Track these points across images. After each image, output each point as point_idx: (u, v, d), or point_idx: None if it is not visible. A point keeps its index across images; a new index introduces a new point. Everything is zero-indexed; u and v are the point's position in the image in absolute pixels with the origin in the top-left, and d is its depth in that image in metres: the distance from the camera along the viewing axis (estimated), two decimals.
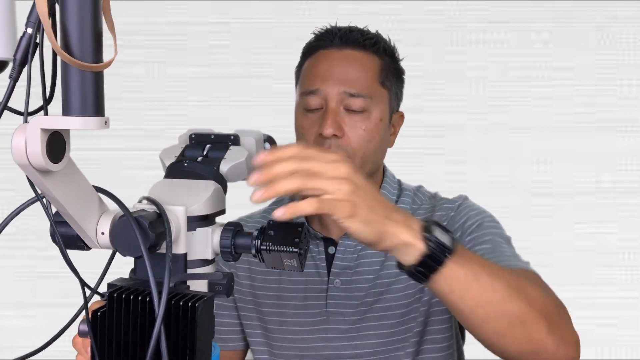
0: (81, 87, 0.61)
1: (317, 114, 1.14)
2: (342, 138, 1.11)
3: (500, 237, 1.12)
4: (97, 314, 0.69)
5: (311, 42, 1.21)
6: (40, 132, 0.59)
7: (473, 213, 1.16)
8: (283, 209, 0.72)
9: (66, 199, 0.65)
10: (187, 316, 0.66)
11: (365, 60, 1.15)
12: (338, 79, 1.12)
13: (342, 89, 1.12)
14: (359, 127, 1.12)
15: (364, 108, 1.12)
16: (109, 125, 0.63)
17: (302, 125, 1.17)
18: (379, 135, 1.14)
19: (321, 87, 1.13)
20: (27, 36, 0.62)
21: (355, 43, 1.16)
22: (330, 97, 1.12)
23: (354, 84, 1.12)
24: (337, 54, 1.15)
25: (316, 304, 1.18)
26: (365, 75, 1.14)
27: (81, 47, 0.60)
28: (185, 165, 0.80)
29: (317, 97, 1.13)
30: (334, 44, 1.16)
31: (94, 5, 0.61)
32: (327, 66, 1.14)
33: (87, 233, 0.69)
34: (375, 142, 1.14)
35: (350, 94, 1.11)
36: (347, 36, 1.16)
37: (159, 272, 0.73)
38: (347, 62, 1.14)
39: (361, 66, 1.14)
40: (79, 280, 0.70)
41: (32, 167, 0.61)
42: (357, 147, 1.12)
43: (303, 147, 0.75)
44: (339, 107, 1.12)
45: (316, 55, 1.18)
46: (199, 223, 0.74)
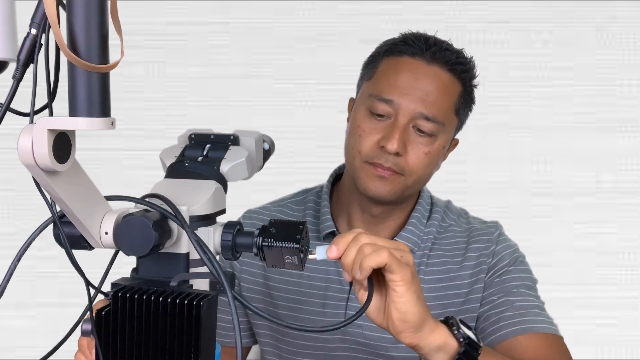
0: (88, 88, 0.61)
1: (383, 122, 1.07)
2: (402, 156, 1.07)
3: (528, 283, 1.15)
4: (101, 313, 0.69)
5: (397, 42, 1.12)
6: (47, 133, 0.60)
7: (507, 252, 1.17)
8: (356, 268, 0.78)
9: (71, 199, 0.66)
10: (192, 315, 0.67)
11: (450, 85, 1.09)
12: (418, 97, 1.06)
13: (419, 110, 1.06)
14: (422, 150, 1.07)
15: (433, 132, 1.07)
16: (115, 125, 0.63)
17: (363, 127, 1.09)
18: (436, 161, 1.12)
19: (397, 99, 1.06)
20: (32, 37, 0.62)
21: (446, 63, 1.08)
22: (404, 113, 1.06)
23: (432, 107, 1.06)
24: (424, 68, 1.07)
25: (335, 312, 1.16)
26: (446, 99, 1.08)
27: (88, 48, 0.60)
28: (187, 165, 0.80)
29: (389, 106, 1.07)
30: (424, 56, 1.08)
31: (101, 7, 0.61)
32: (411, 79, 1.07)
33: (90, 233, 0.69)
34: (431, 168, 1.11)
35: (426, 117, 1.06)
36: (442, 54, 1.08)
37: (162, 270, 0.73)
38: (433, 80, 1.07)
39: (445, 89, 1.08)
40: (85, 281, 0.70)
41: (39, 168, 0.61)
42: (415, 169, 1.08)
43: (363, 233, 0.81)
44: (409, 124, 1.06)
45: (400, 60, 1.09)
46: (200, 222, 0.75)
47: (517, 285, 1.14)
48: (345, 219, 1.19)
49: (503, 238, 1.19)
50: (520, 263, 1.17)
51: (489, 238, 1.17)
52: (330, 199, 1.22)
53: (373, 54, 1.15)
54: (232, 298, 0.67)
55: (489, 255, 1.16)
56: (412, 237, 1.16)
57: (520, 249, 1.20)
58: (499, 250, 1.17)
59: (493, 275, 1.15)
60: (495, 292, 1.14)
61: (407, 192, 1.12)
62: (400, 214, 1.18)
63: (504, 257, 1.16)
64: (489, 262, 1.15)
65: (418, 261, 1.16)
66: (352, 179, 1.13)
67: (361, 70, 1.17)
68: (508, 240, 1.20)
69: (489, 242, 1.17)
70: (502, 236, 1.19)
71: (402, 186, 1.09)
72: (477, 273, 1.15)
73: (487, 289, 1.14)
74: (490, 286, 1.14)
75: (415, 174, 1.09)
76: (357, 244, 0.79)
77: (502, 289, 1.14)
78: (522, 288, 1.14)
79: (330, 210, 1.19)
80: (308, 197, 1.26)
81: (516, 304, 1.11)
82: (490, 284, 1.15)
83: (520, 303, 1.12)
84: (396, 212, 1.17)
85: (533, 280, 1.17)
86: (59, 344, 0.75)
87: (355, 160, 1.10)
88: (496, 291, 1.14)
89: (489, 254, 1.16)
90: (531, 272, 1.18)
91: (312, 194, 1.26)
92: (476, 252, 1.16)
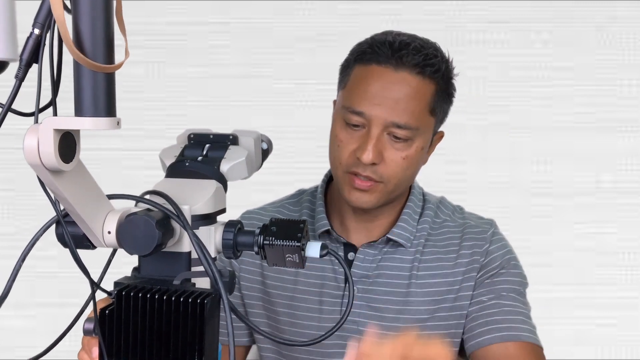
0: (93, 88, 0.62)
1: (358, 132, 1.08)
2: (379, 164, 1.07)
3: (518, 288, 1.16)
4: (105, 312, 0.70)
5: (365, 49, 1.10)
6: (53, 133, 0.60)
7: (500, 253, 1.17)
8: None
9: (75, 199, 0.66)
10: (196, 313, 0.67)
11: (420, 88, 1.07)
12: (388, 106, 1.05)
13: (391, 119, 1.05)
14: (399, 156, 1.07)
15: (409, 137, 1.07)
16: (120, 125, 0.64)
17: (340, 137, 1.10)
18: (417, 162, 1.11)
19: (368, 111, 1.06)
20: (35, 36, 0.63)
21: (414, 66, 1.07)
22: (376, 124, 1.06)
23: (403, 114, 1.05)
24: (392, 76, 1.06)
25: (331, 309, 1.18)
26: (418, 104, 1.07)
27: (94, 48, 0.61)
28: (187, 165, 0.81)
29: (361, 118, 1.07)
30: (391, 63, 1.06)
31: (106, 7, 0.61)
32: (378, 89, 1.06)
33: (93, 232, 0.70)
34: (412, 169, 1.11)
35: (398, 125, 1.05)
36: (408, 59, 1.06)
37: (164, 269, 0.74)
38: (401, 87, 1.06)
39: (415, 93, 1.06)
40: (89, 280, 0.71)
41: (44, 167, 0.61)
42: (394, 174, 1.08)
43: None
44: (383, 133, 1.06)
45: (368, 69, 1.08)
46: (202, 222, 0.75)
47: (507, 289, 1.15)
48: (338, 219, 1.21)
49: (498, 237, 1.20)
50: (513, 266, 1.18)
51: (483, 237, 1.18)
52: (325, 198, 1.23)
53: (347, 59, 1.15)
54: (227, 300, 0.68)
55: (482, 254, 1.17)
56: (404, 233, 1.16)
57: (514, 249, 1.21)
58: (493, 250, 1.17)
59: (484, 276, 1.16)
60: (485, 292, 1.15)
61: (391, 195, 1.13)
62: (392, 211, 1.18)
63: (496, 257, 1.17)
64: (482, 261, 1.16)
65: (411, 257, 1.16)
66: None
67: (339, 75, 1.17)
68: (502, 240, 1.20)
69: (482, 241, 1.18)
70: (496, 235, 1.20)
71: (383, 193, 1.10)
72: (469, 271, 1.16)
73: (477, 288, 1.16)
74: (480, 286, 1.16)
75: (395, 178, 1.09)
76: None
77: (493, 290, 1.15)
78: (512, 293, 1.15)
79: (325, 210, 1.21)
80: (304, 197, 1.27)
81: (505, 309, 1.13)
82: (481, 283, 1.16)
83: (509, 308, 1.14)
84: (387, 210, 1.18)
85: (524, 285, 1.18)
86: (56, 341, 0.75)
87: (338, 170, 1.11)
88: (486, 292, 1.15)
89: (482, 252, 1.17)
90: (523, 275, 1.19)
91: (308, 194, 1.27)
92: (469, 249, 1.17)
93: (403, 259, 1.16)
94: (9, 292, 0.69)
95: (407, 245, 1.16)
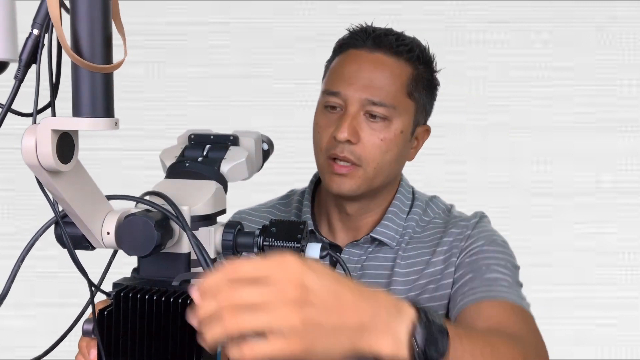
0: (91, 89, 0.62)
1: (336, 115, 1.10)
2: (357, 145, 1.08)
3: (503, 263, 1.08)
4: (103, 313, 0.70)
5: (344, 39, 1.16)
6: (51, 133, 0.60)
7: (483, 235, 1.12)
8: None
9: (74, 199, 0.66)
10: None
11: (395, 68, 1.10)
12: (362, 84, 1.08)
13: (365, 96, 1.08)
14: (377, 136, 1.08)
15: (386, 117, 1.08)
16: (119, 126, 0.64)
17: (320, 123, 1.12)
18: (397, 148, 1.10)
19: (343, 90, 1.09)
20: (34, 37, 0.63)
21: (388, 47, 1.10)
22: (351, 102, 1.08)
23: (378, 92, 1.08)
24: (367, 56, 1.10)
25: None
26: (393, 83, 1.09)
27: (91, 48, 0.61)
28: (187, 166, 0.81)
29: (338, 98, 1.10)
30: (366, 45, 1.11)
31: (104, 8, 0.61)
32: (354, 69, 1.10)
33: (92, 233, 0.69)
34: (391, 154, 1.10)
35: (373, 102, 1.07)
36: (381, 39, 1.11)
37: (163, 270, 0.73)
38: (376, 67, 1.09)
39: (390, 73, 1.10)
40: (87, 281, 0.71)
41: (42, 168, 0.61)
42: (371, 156, 1.08)
43: (234, 268, 0.61)
44: (360, 112, 1.08)
45: (346, 54, 1.13)
46: (201, 222, 0.75)
47: (489, 264, 1.07)
48: (325, 219, 1.20)
49: (482, 224, 1.15)
50: (498, 245, 1.11)
51: (465, 224, 1.14)
52: (314, 200, 1.23)
53: (330, 56, 1.19)
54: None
55: (463, 239, 1.12)
56: (388, 232, 1.15)
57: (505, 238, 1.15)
58: (474, 233, 1.12)
59: (465, 256, 1.10)
60: (467, 271, 1.08)
61: (372, 184, 1.11)
62: (377, 209, 1.17)
63: (478, 238, 1.11)
64: (462, 245, 1.11)
65: (394, 255, 1.14)
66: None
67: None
68: (487, 226, 1.15)
69: (464, 228, 1.13)
70: (481, 223, 1.15)
71: (363, 179, 1.09)
72: (448, 257, 1.11)
73: (458, 270, 1.10)
74: (460, 266, 1.10)
75: (373, 161, 1.09)
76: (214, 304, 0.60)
77: (473, 266, 1.08)
78: (495, 266, 1.07)
79: (313, 210, 1.21)
80: (293, 197, 1.27)
81: (486, 277, 1.06)
82: (462, 264, 1.10)
83: (490, 275, 1.05)
84: (373, 208, 1.17)
85: (512, 263, 1.10)
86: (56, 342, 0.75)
87: (320, 157, 1.12)
88: (467, 270, 1.08)
89: (463, 238, 1.12)
90: (512, 255, 1.12)
91: (297, 194, 1.27)
92: (451, 237, 1.13)
93: (387, 257, 1.14)
94: (9, 292, 0.68)
95: (391, 244, 1.14)
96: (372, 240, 1.16)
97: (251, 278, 0.60)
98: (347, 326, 0.62)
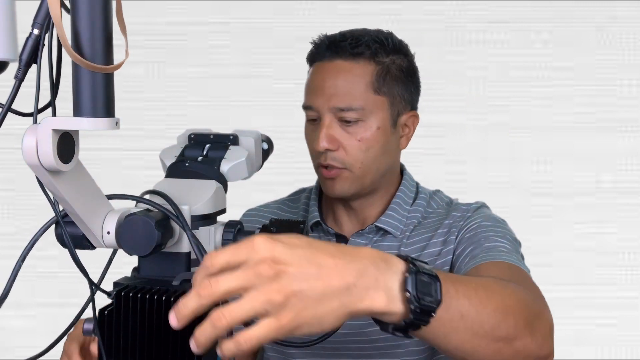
0: (92, 88, 0.62)
1: (317, 125, 1.14)
2: (337, 150, 1.11)
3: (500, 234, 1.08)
4: (104, 312, 0.70)
5: (309, 53, 1.20)
6: (52, 133, 0.60)
7: (482, 215, 1.14)
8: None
9: (74, 199, 0.66)
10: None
11: (355, 70, 1.12)
12: (329, 94, 1.11)
13: (332, 104, 1.11)
14: (354, 138, 1.11)
15: (358, 118, 1.11)
16: (119, 126, 0.64)
17: (306, 134, 1.18)
18: (377, 144, 1.13)
19: (314, 103, 1.13)
20: (34, 37, 0.63)
21: (344, 52, 1.13)
22: (323, 112, 1.12)
23: (343, 98, 1.11)
24: (328, 66, 1.13)
25: None
26: (355, 86, 1.12)
27: (92, 48, 0.61)
28: (187, 165, 0.81)
29: (313, 111, 1.14)
30: (326, 55, 1.14)
31: (105, 7, 0.61)
32: (319, 81, 1.13)
33: (93, 232, 0.69)
34: (374, 151, 1.12)
35: (341, 109, 1.11)
36: (336, 45, 1.14)
37: (164, 270, 0.73)
38: (337, 74, 1.12)
39: (351, 77, 1.12)
40: (88, 280, 0.71)
41: (43, 168, 0.61)
42: (353, 158, 1.11)
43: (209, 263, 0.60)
44: (333, 120, 1.12)
45: (313, 68, 1.17)
46: (202, 222, 0.75)
47: (488, 235, 1.08)
48: (331, 212, 1.23)
49: (483, 209, 1.17)
50: (497, 221, 1.13)
51: (466, 208, 1.17)
52: (321, 196, 1.25)
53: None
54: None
55: (462, 219, 1.14)
56: (392, 222, 1.17)
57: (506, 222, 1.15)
58: (474, 215, 1.14)
59: (464, 232, 1.11)
60: (467, 245, 1.09)
61: (363, 181, 1.14)
62: (381, 201, 1.20)
63: (478, 217, 1.13)
64: (461, 224, 1.13)
65: (398, 244, 1.16)
66: None
67: None
68: (487, 211, 1.17)
69: (465, 212, 1.16)
70: (482, 208, 1.17)
71: (351, 179, 1.13)
72: (447, 236, 1.13)
73: (458, 247, 1.11)
74: (461, 243, 1.11)
75: (357, 161, 1.12)
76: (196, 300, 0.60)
77: (473, 239, 1.09)
78: (494, 236, 1.07)
79: (320, 205, 1.24)
80: (302, 195, 1.30)
81: (485, 245, 1.06)
82: (461, 240, 1.11)
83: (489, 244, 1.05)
84: (376, 200, 1.19)
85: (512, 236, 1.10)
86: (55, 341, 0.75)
87: (314, 166, 1.17)
88: (468, 244, 1.09)
89: (462, 218, 1.14)
90: (512, 231, 1.12)
91: (306, 192, 1.31)
92: (451, 219, 1.15)
93: (391, 246, 1.16)
94: (9, 292, 0.68)
95: (396, 234, 1.16)
96: (377, 230, 1.18)
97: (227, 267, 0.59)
98: (334, 290, 0.61)
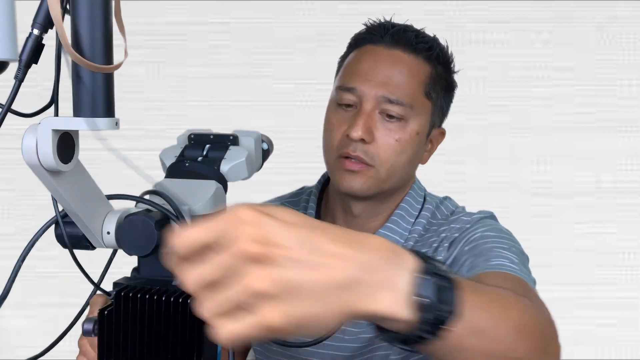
0: (92, 88, 0.62)
1: (350, 112, 1.06)
2: (371, 144, 1.03)
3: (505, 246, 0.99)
4: (104, 312, 0.70)
5: (360, 34, 1.12)
6: (52, 133, 0.60)
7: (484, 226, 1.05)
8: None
9: (74, 199, 0.66)
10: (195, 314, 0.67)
11: (414, 66, 1.07)
12: (379, 81, 1.04)
13: (382, 93, 1.04)
14: (392, 137, 1.04)
15: (402, 116, 1.04)
16: (119, 126, 0.64)
17: (332, 120, 1.08)
18: (411, 149, 1.06)
19: (359, 86, 1.05)
20: (34, 37, 0.63)
21: (407, 44, 1.07)
22: (367, 99, 1.04)
23: (395, 90, 1.04)
24: (385, 52, 1.07)
25: None
26: (411, 81, 1.05)
27: (92, 48, 0.61)
28: (187, 165, 0.81)
29: (353, 95, 1.05)
30: (384, 41, 1.07)
31: (105, 7, 0.61)
32: (371, 64, 1.06)
33: (92, 233, 0.70)
34: (406, 156, 1.06)
35: (389, 100, 1.03)
36: (400, 35, 1.08)
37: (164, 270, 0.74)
38: (394, 63, 1.06)
39: (408, 71, 1.06)
40: (88, 280, 0.71)
41: (43, 168, 0.61)
42: (386, 157, 1.04)
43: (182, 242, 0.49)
44: (375, 110, 1.04)
45: (362, 49, 1.09)
46: None
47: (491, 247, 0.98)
48: (330, 221, 1.17)
49: (485, 220, 1.07)
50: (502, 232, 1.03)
51: (468, 220, 1.08)
52: (321, 201, 1.21)
53: (345, 51, 1.15)
54: None
55: (459, 231, 1.05)
56: (391, 235, 1.10)
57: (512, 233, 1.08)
58: (474, 226, 1.04)
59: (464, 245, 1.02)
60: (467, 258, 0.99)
61: (384, 185, 1.07)
62: (385, 213, 1.12)
63: (479, 229, 1.03)
64: (459, 237, 1.03)
65: None
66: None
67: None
68: (490, 221, 1.08)
69: (466, 223, 1.07)
70: (485, 219, 1.08)
71: (374, 179, 1.05)
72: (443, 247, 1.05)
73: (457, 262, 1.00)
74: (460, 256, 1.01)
75: (387, 162, 1.04)
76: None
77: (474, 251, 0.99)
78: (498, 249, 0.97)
79: (319, 210, 1.19)
80: (303, 196, 1.26)
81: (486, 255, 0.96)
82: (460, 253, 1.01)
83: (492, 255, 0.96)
84: (380, 212, 1.12)
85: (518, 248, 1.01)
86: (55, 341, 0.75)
87: (330, 156, 1.09)
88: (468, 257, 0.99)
89: (459, 229, 1.05)
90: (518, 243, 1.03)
91: (307, 193, 1.25)
92: (450, 232, 1.07)
93: None
94: (9, 292, 0.69)
95: None
96: None
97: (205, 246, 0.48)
98: (335, 285, 0.48)
